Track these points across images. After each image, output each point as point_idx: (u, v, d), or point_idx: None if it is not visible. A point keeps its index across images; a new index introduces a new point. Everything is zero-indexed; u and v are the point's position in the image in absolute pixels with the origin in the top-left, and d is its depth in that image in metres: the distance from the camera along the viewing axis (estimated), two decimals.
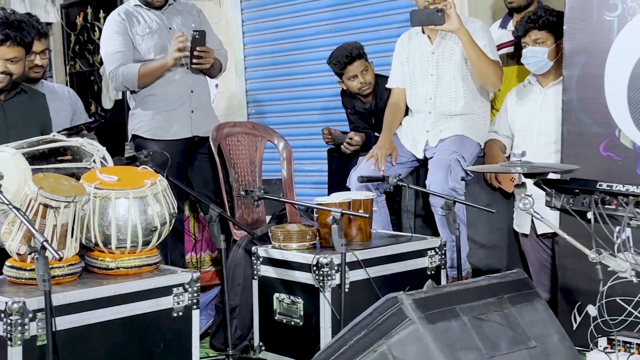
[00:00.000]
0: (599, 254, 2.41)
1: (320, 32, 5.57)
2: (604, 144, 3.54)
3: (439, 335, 2.48)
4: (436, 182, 3.81)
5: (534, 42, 3.82)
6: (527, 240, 4.00)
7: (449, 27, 3.80)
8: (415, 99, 4.17)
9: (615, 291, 3.47)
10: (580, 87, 3.59)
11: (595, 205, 2.37)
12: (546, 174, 2.50)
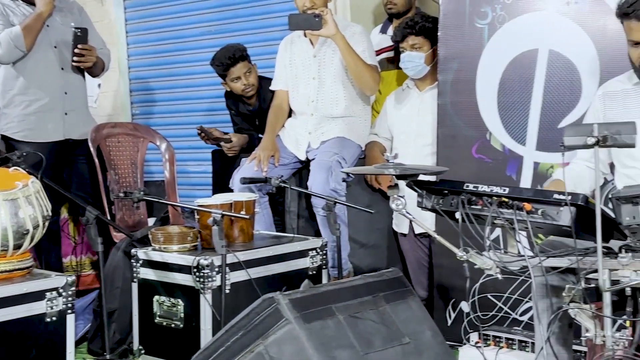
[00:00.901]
0: (466, 253, 2.50)
1: (204, 33, 5.54)
2: (476, 146, 3.69)
3: (314, 334, 2.52)
4: (317, 183, 3.87)
5: (411, 48, 3.93)
6: (405, 240, 4.11)
7: (325, 33, 3.87)
8: (298, 101, 4.22)
9: (487, 288, 3.63)
10: (454, 91, 3.73)
11: (462, 206, 2.46)
12: (417, 176, 2.58)
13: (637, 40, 2.74)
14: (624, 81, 2.94)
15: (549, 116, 3.49)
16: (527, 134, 3.55)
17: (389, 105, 4.18)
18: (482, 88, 3.65)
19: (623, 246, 2.33)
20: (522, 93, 3.55)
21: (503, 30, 3.58)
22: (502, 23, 3.58)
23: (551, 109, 3.49)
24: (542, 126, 3.51)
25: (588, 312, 2.33)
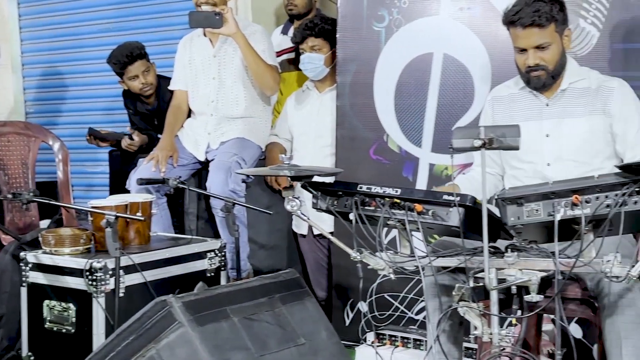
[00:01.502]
0: (360, 253, 2.53)
1: (102, 31, 5.42)
2: (373, 148, 3.74)
3: (208, 337, 2.50)
4: (216, 184, 3.84)
5: (310, 49, 3.95)
6: (305, 241, 4.13)
7: (226, 31, 3.85)
8: (198, 101, 4.17)
9: (384, 288, 3.68)
10: (352, 93, 3.77)
11: (356, 207, 2.48)
12: (312, 177, 2.59)
13: (522, 47, 2.83)
14: (511, 86, 3.03)
15: (443, 119, 3.57)
16: (422, 136, 3.62)
17: (289, 107, 4.19)
18: (380, 90, 3.70)
19: (509, 246, 2.41)
20: (418, 96, 3.61)
21: (399, 34, 3.63)
22: (398, 26, 3.63)
23: (446, 112, 3.57)
24: (437, 128, 3.58)
25: (476, 310, 2.39)
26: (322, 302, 4.02)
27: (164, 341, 2.48)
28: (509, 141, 2.21)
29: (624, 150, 2.82)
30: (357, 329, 3.76)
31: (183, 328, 2.48)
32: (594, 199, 2.21)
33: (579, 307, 2.68)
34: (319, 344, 2.81)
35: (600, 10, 3.20)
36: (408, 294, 3.63)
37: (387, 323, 3.65)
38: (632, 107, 2.84)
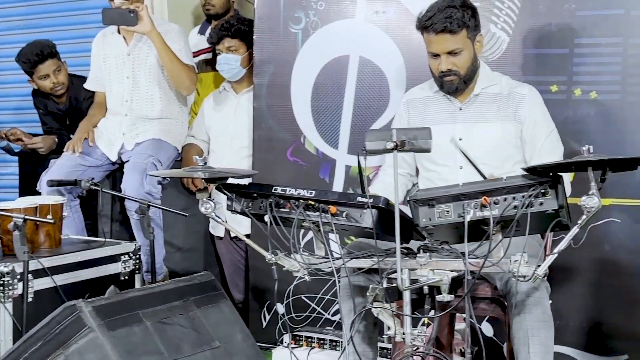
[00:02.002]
0: (274, 255, 2.52)
1: (12, 28, 5.26)
2: (290, 149, 3.74)
3: (119, 341, 2.45)
4: (131, 185, 3.77)
5: (227, 50, 3.92)
6: (222, 243, 4.10)
7: (140, 29, 3.79)
8: (112, 101, 4.09)
9: (301, 289, 3.68)
10: (269, 95, 3.76)
11: (270, 209, 2.48)
12: (226, 179, 2.57)
13: (435, 52, 2.88)
14: (426, 89, 3.07)
15: (359, 121, 3.59)
16: (339, 138, 3.64)
17: (206, 108, 4.15)
18: (297, 92, 3.71)
19: (421, 246, 2.44)
20: (334, 98, 3.63)
21: (316, 36, 3.65)
22: (315, 29, 3.64)
23: (361, 114, 3.60)
24: (354, 130, 3.61)
25: (389, 311, 2.41)
26: (239, 305, 4.00)
27: (73, 347, 2.42)
28: (421, 143, 2.24)
29: (532, 155, 2.89)
30: (274, 330, 3.76)
31: (93, 333, 2.42)
32: (502, 201, 2.26)
33: (489, 306, 2.74)
34: (234, 346, 2.79)
35: (510, 16, 3.29)
36: (325, 295, 3.65)
37: (304, 324, 3.65)
38: (541, 114, 2.93)
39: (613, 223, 3.16)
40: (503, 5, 3.29)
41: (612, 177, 2.50)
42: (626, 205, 3.14)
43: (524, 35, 3.28)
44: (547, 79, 3.24)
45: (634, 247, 3.14)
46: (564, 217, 2.26)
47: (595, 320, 3.23)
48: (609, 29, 3.13)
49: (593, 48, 3.17)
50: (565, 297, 3.24)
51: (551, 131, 2.93)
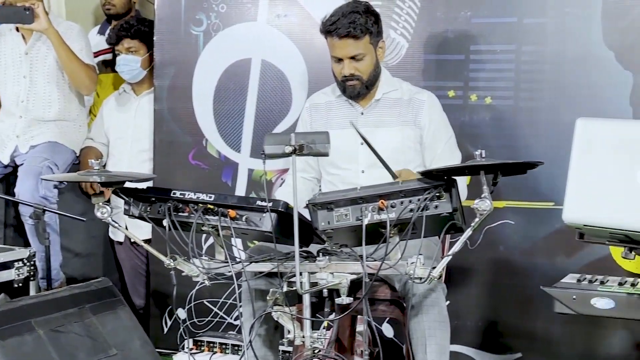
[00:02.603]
0: (173, 260, 2.49)
1: None
2: (192, 153, 3.70)
3: (10, 351, 2.37)
4: (26, 190, 3.64)
5: (126, 51, 3.85)
6: (121, 248, 4.01)
7: (37, 27, 3.67)
8: (6, 101, 3.95)
9: (203, 294, 3.65)
10: (171, 97, 3.72)
11: (169, 213, 2.44)
12: (123, 182, 2.52)
13: (338, 56, 2.90)
14: (329, 93, 3.10)
15: (262, 124, 3.59)
16: (242, 141, 3.62)
17: (107, 109, 4.06)
18: (199, 95, 3.67)
19: (321, 250, 2.45)
20: (237, 101, 3.62)
21: (218, 38, 3.62)
22: (216, 31, 3.62)
23: (264, 118, 3.59)
24: (256, 134, 3.60)
25: (289, 314, 2.41)
26: (140, 311, 3.93)
27: None
28: (319, 148, 2.26)
29: (432, 160, 2.96)
30: (175, 336, 3.71)
31: None
32: (399, 204, 2.30)
33: (388, 308, 2.79)
34: (132, 353, 2.75)
35: (409, 22, 3.35)
36: (227, 299, 3.62)
37: (206, 329, 3.62)
38: (440, 120, 3.00)
39: (507, 225, 3.26)
40: (402, 11, 3.35)
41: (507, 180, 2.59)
42: (520, 207, 3.24)
43: (423, 41, 3.35)
44: (445, 84, 3.32)
45: (527, 248, 3.25)
46: (458, 219, 2.32)
47: (490, 320, 3.32)
48: (503, 36, 3.23)
49: (488, 55, 3.26)
50: (462, 297, 3.32)
51: (450, 137, 3.00)
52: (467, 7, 3.26)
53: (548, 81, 3.18)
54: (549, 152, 3.05)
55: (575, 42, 3.13)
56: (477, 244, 3.27)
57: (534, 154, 3.14)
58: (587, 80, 3.12)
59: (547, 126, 3.16)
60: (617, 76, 3.08)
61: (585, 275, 2.33)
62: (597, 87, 3.11)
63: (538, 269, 3.20)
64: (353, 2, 2.94)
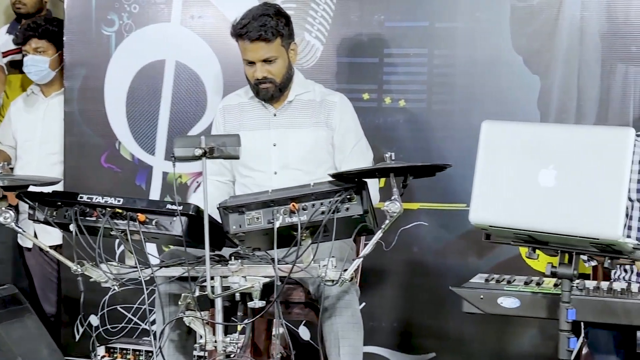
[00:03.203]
0: (81, 266, 2.42)
1: None
2: (105, 155, 3.62)
3: None
4: None
5: (34, 51, 3.73)
6: (30, 254, 3.89)
7: None
8: None
9: (116, 300, 3.57)
10: (82, 99, 3.63)
11: (75, 217, 2.38)
12: (27, 186, 2.44)
13: (250, 60, 2.88)
14: (242, 95, 3.07)
15: (176, 127, 3.54)
16: (156, 144, 3.56)
17: (14, 111, 3.93)
18: (111, 96, 3.60)
19: (233, 253, 2.43)
20: (150, 103, 3.56)
21: (130, 39, 3.56)
22: (129, 32, 3.56)
23: (179, 120, 3.55)
24: (171, 136, 3.55)
25: (200, 319, 2.38)
26: (51, 318, 3.82)
27: None
28: (230, 150, 2.24)
29: (342, 161, 2.97)
30: (88, 343, 3.61)
31: None
32: (310, 206, 2.30)
33: (303, 311, 2.78)
34: None
35: (323, 25, 3.36)
36: (142, 305, 3.55)
37: (119, 336, 3.54)
38: (351, 122, 3.00)
39: (421, 226, 3.30)
40: (317, 14, 3.35)
41: (420, 182, 2.63)
42: (433, 209, 3.29)
43: (337, 44, 3.36)
44: (360, 87, 3.34)
45: (440, 249, 3.29)
46: (369, 221, 2.33)
47: (405, 320, 3.36)
48: (415, 40, 3.27)
49: (401, 58, 3.29)
50: (377, 298, 3.35)
51: (360, 138, 3.01)
52: (380, 11, 3.29)
53: (459, 84, 3.24)
54: (461, 155, 3.10)
55: (485, 47, 3.19)
56: (392, 246, 3.30)
57: (447, 156, 3.19)
58: (496, 84, 3.19)
59: (459, 129, 3.22)
60: (525, 80, 3.16)
61: (493, 275, 2.37)
62: (507, 91, 3.18)
63: (451, 270, 3.25)
64: (263, 5, 2.92)
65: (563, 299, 1.95)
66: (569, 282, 1.95)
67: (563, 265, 1.96)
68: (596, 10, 3.07)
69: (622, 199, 1.79)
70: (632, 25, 3.04)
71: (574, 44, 3.10)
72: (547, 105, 3.15)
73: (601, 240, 1.82)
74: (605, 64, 3.08)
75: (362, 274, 2.92)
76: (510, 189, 1.93)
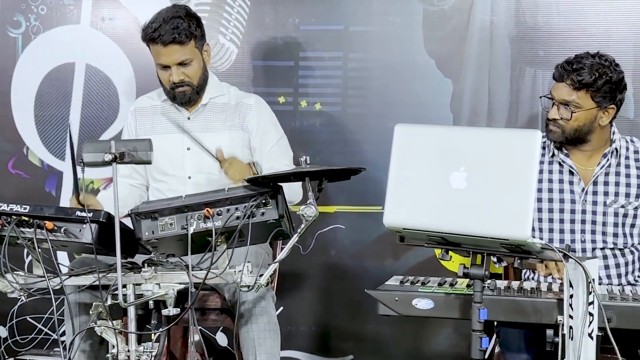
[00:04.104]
0: None
1: None
2: (12, 161, 3.51)
3: None
4: None
5: None
6: None
7: None
8: None
9: (26, 310, 3.46)
10: None
11: None
12: None
13: (165, 64, 2.83)
14: (154, 97, 3.02)
15: (88, 131, 3.46)
16: (66, 149, 3.46)
17: None
18: (18, 100, 3.49)
19: (146, 260, 2.38)
20: (60, 107, 3.47)
21: (38, 41, 3.46)
22: (36, 34, 3.45)
23: (90, 124, 3.46)
24: (82, 141, 3.45)
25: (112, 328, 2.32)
26: None
27: None
28: (141, 155, 2.19)
29: (262, 162, 2.94)
30: None
31: None
32: (225, 212, 2.27)
33: (219, 317, 2.76)
34: None
35: (238, 28, 3.33)
36: (52, 315, 3.45)
37: (29, 347, 3.43)
38: (268, 123, 2.99)
39: (338, 229, 3.31)
40: (231, 16, 3.33)
41: (337, 186, 2.63)
42: (350, 212, 3.30)
43: (252, 47, 3.34)
44: (276, 90, 3.33)
45: (356, 251, 3.31)
46: (285, 226, 2.31)
47: (323, 324, 3.36)
48: (330, 43, 3.28)
49: (316, 61, 3.30)
50: (295, 302, 3.34)
51: (280, 138, 3.00)
52: (295, 14, 3.29)
53: (374, 88, 3.27)
54: (377, 157, 3.12)
55: (398, 50, 3.23)
56: (309, 249, 3.30)
57: (364, 159, 3.20)
58: (410, 87, 3.23)
59: (374, 131, 3.24)
60: (438, 83, 3.21)
61: (408, 277, 2.39)
62: (420, 94, 3.23)
63: (368, 272, 3.27)
64: (172, 7, 2.88)
65: (475, 299, 1.97)
66: (480, 283, 1.98)
67: (475, 266, 1.99)
68: (505, 15, 3.14)
69: (530, 200, 1.83)
70: (540, 30, 3.13)
71: (484, 48, 3.17)
72: (459, 108, 3.20)
73: (511, 240, 1.85)
74: (515, 67, 3.16)
75: (280, 279, 2.90)
76: (422, 191, 1.95)
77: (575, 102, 2.53)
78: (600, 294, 2.09)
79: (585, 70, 2.50)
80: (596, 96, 2.53)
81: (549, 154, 2.65)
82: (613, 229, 2.58)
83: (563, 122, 2.55)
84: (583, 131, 2.57)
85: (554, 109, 2.56)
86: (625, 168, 2.61)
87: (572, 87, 2.52)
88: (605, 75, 2.51)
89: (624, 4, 3.07)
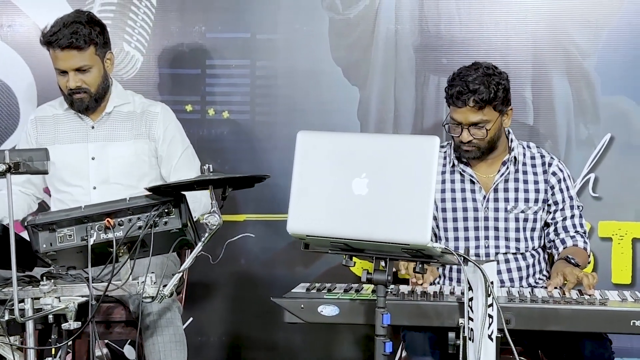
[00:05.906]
0: None
1: None
2: None
3: None
4: None
5: None
6: None
7: None
8: None
9: None
10: None
11: None
12: None
13: (62, 69, 2.77)
14: (56, 106, 2.94)
15: None
16: None
17: None
18: None
19: (45, 273, 2.31)
20: None
21: None
22: None
23: None
24: None
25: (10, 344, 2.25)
26: None
27: None
28: (37, 165, 2.12)
29: (169, 173, 2.90)
30: None
31: None
32: (127, 222, 2.22)
33: (124, 330, 2.70)
34: None
35: (143, 36, 3.28)
36: None
37: None
38: (175, 131, 2.95)
39: (248, 238, 3.29)
40: (136, 24, 3.28)
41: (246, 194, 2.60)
42: (259, 220, 3.29)
43: (158, 55, 3.30)
44: (183, 98, 3.30)
45: (267, 260, 3.30)
46: (189, 235, 2.28)
47: (234, 334, 3.34)
48: (237, 51, 3.27)
49: (224, 69, 3.28)
50: (205, 312, 3.30)
51: (186, 147, 2.97)
52: (200, 21, 3.27)
53: (281, 96, 3.27)
54: (285, 165, 3.05)
55: (305, 58, 3.24)
56: (219, 259, 3.25)
57: (271, 167, 3.20)
58: (318, 95, 3.25)
59: (282, 139, 3.24)
60: (345, 91, 3.24)
61: (315, 284, 2.40)
62: (328, 102, 3.25)
63: (278, 280, 3.26)
64: (75, 12, 2.82)
65: (378, 304, 1.99)
66: (383, 288, 2.00)
67: (378, 271, 2.00)
68: (409, 24, 3.19)
69: (430, 205, 1.85)
70: (443, 38, 3.19)
71: (389, 56, 3.21)
72: (366, 115, 3.24)
73: (411, 245, 1.87)
74: (419, 75, 3.21)
75: (190, 289, 2.86)
76: (325, 198, 1.95)
77: (484, 119, 2.58)
78: (500, 296, 2.13)
79: (482, 87, 2.55)
80: (497, 106, 2.59)
81: (449, 164, 2.70)
82: (515, 234, 2.65)
83: (477, 141, 2.60)
84: (494, 140, 2.63)
85: (465, 132, 2.59)
86: (524, 174, 2.68)
87: (477, 108, 2.56)
88: (499, 85, 2.58)
89: (522, 14, 3.16)
